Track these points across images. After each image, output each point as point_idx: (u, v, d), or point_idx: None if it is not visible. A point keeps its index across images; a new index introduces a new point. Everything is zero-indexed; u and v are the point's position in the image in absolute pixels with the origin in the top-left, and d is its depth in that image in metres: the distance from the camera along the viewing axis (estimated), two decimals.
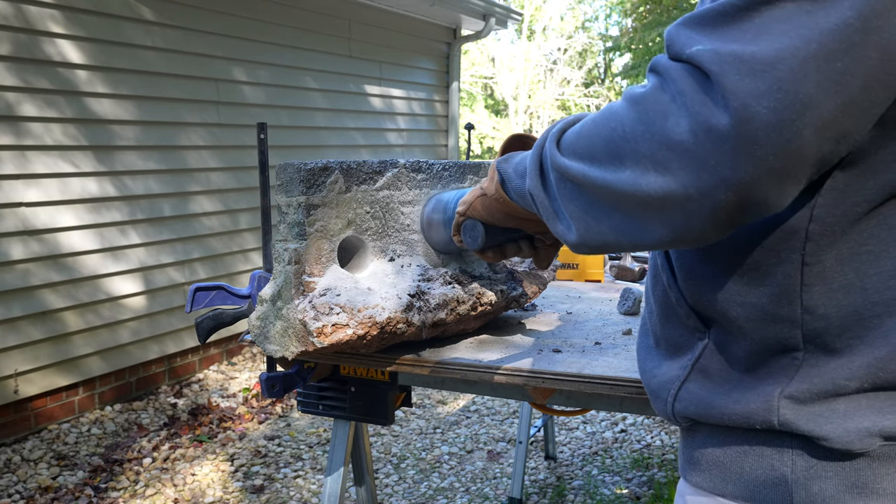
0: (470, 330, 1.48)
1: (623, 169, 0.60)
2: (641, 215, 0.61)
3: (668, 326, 0.78)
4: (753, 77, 0.52)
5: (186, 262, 3.98)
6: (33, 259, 3.20)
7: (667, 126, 0.56)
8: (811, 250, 0.64)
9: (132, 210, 3.65)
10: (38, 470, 2.94)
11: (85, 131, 3.40)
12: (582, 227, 0.67)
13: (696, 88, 0.55)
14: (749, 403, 0.68)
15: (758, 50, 0.53)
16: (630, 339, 1.43)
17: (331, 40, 4.92)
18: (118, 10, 3.51)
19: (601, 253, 0.69)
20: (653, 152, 0.57)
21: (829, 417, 0.65)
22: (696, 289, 0.73)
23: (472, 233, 0.90)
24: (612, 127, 0.61)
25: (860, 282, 0.64)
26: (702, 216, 0.57)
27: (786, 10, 0.53)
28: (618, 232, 0.64)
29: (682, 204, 0.57)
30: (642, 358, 0.83)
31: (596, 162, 0.63)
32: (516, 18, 6.78)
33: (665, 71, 0.58)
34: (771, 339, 0.67)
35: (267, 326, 1.26)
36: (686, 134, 0.55)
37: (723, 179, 0.54)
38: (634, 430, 3.40)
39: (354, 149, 5.24)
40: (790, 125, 0.52)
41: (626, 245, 0.65)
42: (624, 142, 0.60)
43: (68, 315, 3.37)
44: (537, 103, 22.09)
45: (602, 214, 0.64)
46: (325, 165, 1.25)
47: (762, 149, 0.53)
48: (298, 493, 2.80)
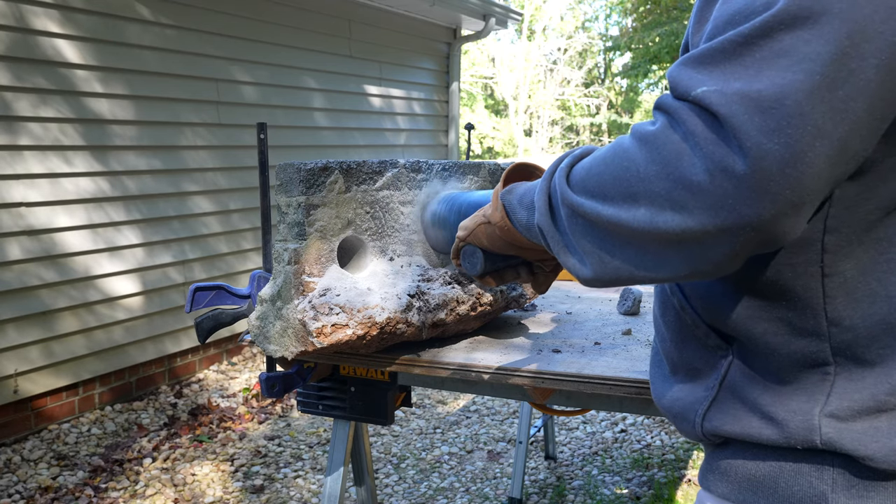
0: (469, 330, 1.48)
1: (637, 207, 0.60)
2: (658, 250, 0.61)
3: (687, 350, 0.76)
4: (762, 115, 0.53)
5: (186, 262, 3.98)
6: (33, 259, 3.20)
7: (681, 166, 0.57)
8: (829, 261, 0.64)
9: (131, 210, 3.65)
10: (38, 470, 2.94)
11: (83, 131, 3.40)
12: (595, 261, 0.67)
13: (706, 129, 0.55)
14: (788, 423, 0.67)
15: (763, 87, 0.53)
16: (630, 339, 1.43)
17: (331, 40, 4.92)
18: (117, 9, 3.51)
19: (615, 286, 0.69)
20: (668, 192, 0.58)
21: (874, 436, 0.64)
22: (712, 308, 0.72)
23: (472, 259, 0.91)
24: (625, 166, 0.61)
25: (884, 290, 0.64)
26: (720, 252, 0.58)
27: (784, 42, 0.53)
28: (633, 266, 0.64)
29: (700, 240, 0.57)
30: (658, 388, 0.81)
31: (609, 200, 0.62)
32: (516, 18, 6.78)
33: (673, 111, 0.58)
34: (799, 354, 0.67)
35: (266, 326, 1.26)
36: (702, 174, 0.55)
37: (742, 217, 0.55)
38: (634, 430, 3.40)
39: (354, 149, 5.24)
40: (803, 158, 0.53)
41: (641, 279, 0.65)
42: (637, 181, 0.60)
43: (68, 315, 3.37)
44: (537, 103, 22.09)
45: (616, 249, 0.64)
46: (325, 165, 1.25)
47: (778, 185, 0.53)
48: (298, 493, 2.80)
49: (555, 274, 0.96)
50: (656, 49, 13.78)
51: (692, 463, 3.03)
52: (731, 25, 0.57)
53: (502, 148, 21.45)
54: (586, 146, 0.75)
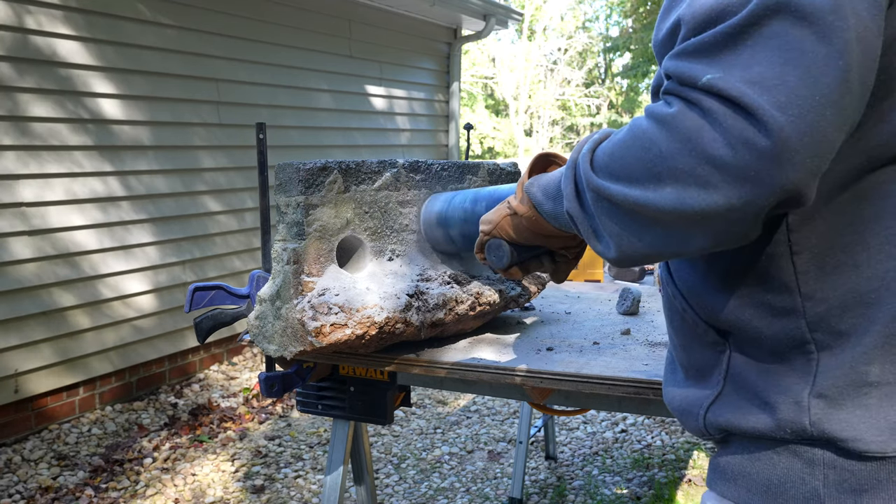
0: (469, 330, 1.48)
1: (663, 187, 0.62)
2: (683, 228, 0.63)
3: (693, 352, 0.79)
4: (770, 92, 0.56)
5: (189, 261, 3.98)
6: (35, 259, 3.20)
7: (703, 142, 0.59)
8: (795, 239, 0.67)
9: (135, 209, 3.65)
10: (39, 470, 2.94)
11: (90, 131, 3.40)
12: (623, 242, 0.68)
13: (723, 107, 0.58)
14: (779, 407, 0.68)
15: (763, 69, 0.57)
16: (629, 339, 1.44)
17: (331, 40, 4.92)
18: (122, 10, 3.51)
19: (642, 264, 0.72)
20: (692, 168, 0.59)
21: (862, 415, 0.65)
22: (705, 304, 0.75)
23: (498, 252, 0.91)
24: (646, 147, 0.63)
25: (851, 260, 0.66)
26: (745, 222, 0.60)
27: (772, 27, 0.57)
28: (659, 245, 0.66)
29: (726, 214, 0.60)
30: (670, 390, 0.83)
31: (634, 182, 0.64)
32: (517, 18, 6.78)
33: (686, 94, 0.61)
34: (782, 334, 0.69)
35: (266, 326, 1.27)
36: (724, 148, 0.58)
37: (767, 188, 0.57)
38: (635, 430, 3.40)
39: (355, 148, 5.24)
40: (818, 125, 0.56)
41: (667, 255, 0.68)
42: (661, 160, 0.62)
43: (69, 315, 3.37)
44: (537, 103, 22.09)
45: (642, 230, 0.66)
46: (324, 165, 1.25)
47: (800, 154, 0.56)
48: (299, 493, 2.80)
49: (576, 261, 0.97)
50: None
51: (692, 463, 3.03)
52: (712, 22, 0.60)
53: (502, 148, 21.44)
54: (604, 129, 0.76)
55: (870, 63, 0.58)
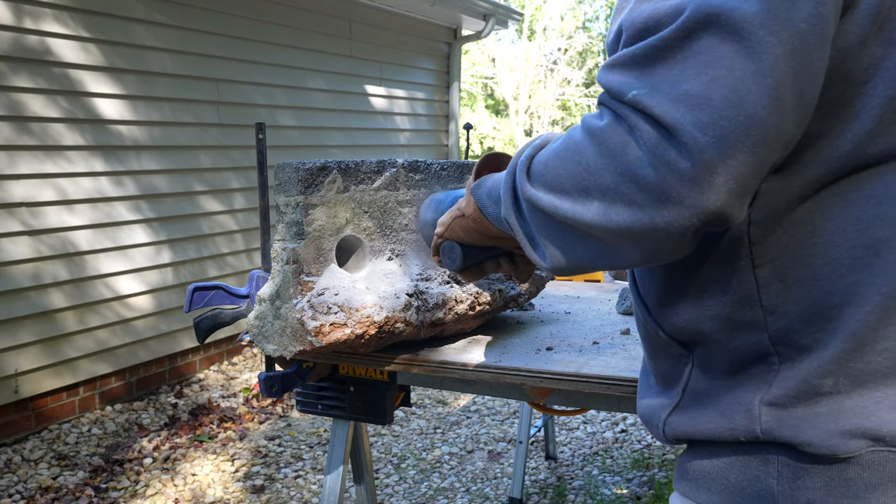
0: (468, 329, 1.48)
1: (591, 201, 0.62)
2: (612, 242, 0.63)
3: (658, 360, 0.79)
4: (693, 111, 0.55)
5: (188, 261, 3.98)
6: (35, 259, 3.21)
7: (628, 159, 0.59)
8: (758, 252, 0.66)
9: (135, 209, 3.65)
10: (39, 470, 2.94)
11: (89, 131, 3.40)
12: (557, 253, 0.69)
13: (647, 125, 0.58)
14: (733, 416, 0.68)
15: (689, 86, 0.56)
16: (629, 338, 1.43)
17: (331, 40, 4.92)
18: (121, 10, 3.51)
19: (578, 274, 0.71)
20: (617, 185, 0.59)
21: (812, 422, 0.64)
22: (666, 315, 0.75)
23: (451, 254, 0.91)
24: (577, 160, 0.63)
25: (812, 274, 0.65)
26: (670, 241, 0.60)
27: (702, 42, 0.56)
28: (592, 257, 0.66)
29: (651, 233, 0.59)
30: (642, 395, 0.83)
31: (565, 194, 0.64)
32: (516, 18, 6.78)
33: (615, 108, 0.60)
34: (743, 347, 0.68)
35: (265, 326, 1.27)
36: (647, 168, 0.57)
37: (687, 208, 0.57)
38: (635, 430, 3.40)
39: (355, 148, 5.24)
40: (741, 147, 0.55)
41: (601, 267, 0.68)
42: (589, 175, 0.61)
43: (69, 315, 3.37)
44: (538, 103, 22.10)
45: (574, 242, 0.66)
46: (324, 165, 1.25)
47: (719, 175, 0.55)
48: (299, 493, 2.80)
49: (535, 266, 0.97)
50: None
51: None
52: (647, 32, 0.60)
53: (502, 148, 21.44)
54: (545, 135, 0.76)
55: (809, 77, 0.56)
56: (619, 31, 0.64)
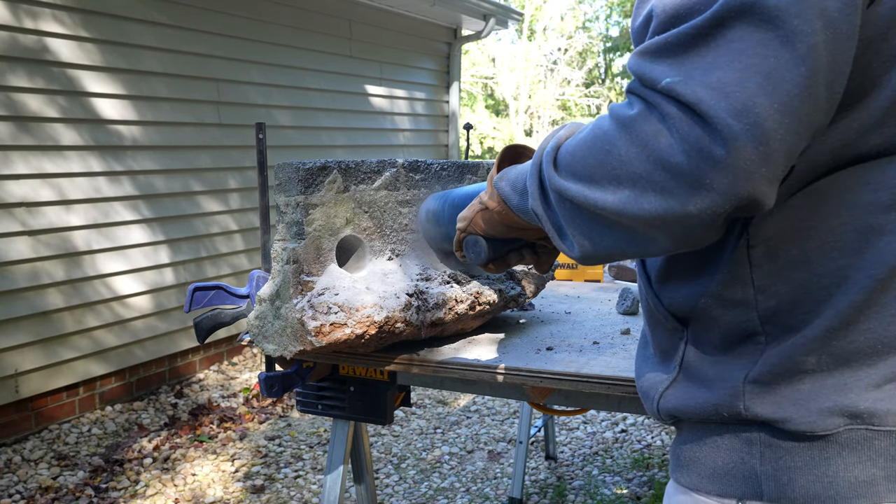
0: (468, 329, 1.48)
1: (622, 190, 0.62)
2: (643, 231, 0.63)
3: (656, 333, 0.80)
4: (727, 98, 0.55)
5: (188, 261, 3.98)
6: (35, 259, 3.20)
7: (660, 147, 0.59)
8: (753, 232, 0.67)
9: (135, 210, 3.65)
10: (39, 470, 2.94)
11: (89, 131, 3.40)
12: (586, 242, 0.69)
13: (680, 113, 0.58)
14: (718, 392, 0.70)
15: (722, 74, 0.56)
16: (629, 338, 1.43)
17: (331, 40, 4.92)
18: (121, 10, 3.51)
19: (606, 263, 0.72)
20: (649, 173, 0.60)
21: (793, 399, 0.66)
22: (666, 290, 0.77)
23: (475, 248, 0.91)
24: (607, 149, 0.63)
25: (804, 256, 0.66)
26: (702, 228, 0.60)
27: (736, 30, 0.56)
28: (621, 246, 0.67)
29: (683, 220, 0.60)
30: (639, 365, 0.84)
31: (594, 183, 0.64)
32: (516, 18, 6.78)
33: (647, 96, 0.60)
34: (733, 324, 0.70)
35: (265, 326, 1.27)
36: (680, 155, 0.57)
37: (721, 195, 0.57)
38: (635, 430, 3.40)
39: (355, 148, 5.24)
40: (775, 134, 0.55)
41: (630, 255, 0.68)
42: (620, 163, 0.62)
43: (69, 315, 3.37)
44: (538, 103, 22.10)
45: (605, 230, 0.66)
46: (324, 165, 1.25)
47: (755, 163, 0.56)
48: (299, 493, 2.80)
49: (557, 252, 0.97)
50: None
51: None
52: (679, 20, 0.60)
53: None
54: (569, 124, 0.76)
55: (840, 67, 0.57)
56: (649, 16, 0.63)
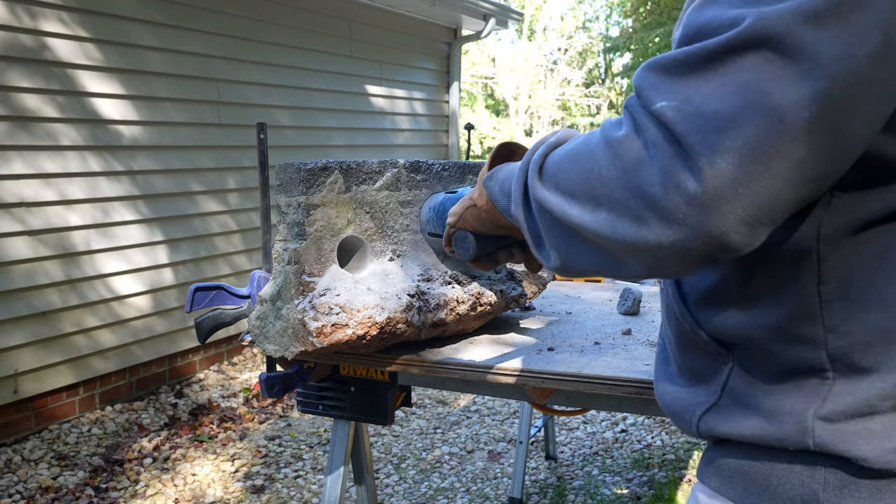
0: (469, 330, 1.48)
1: (599, 211, 0.61)
2: (617, 254, 0.63)
3: (688, 354, 0.77)
4: (717, 134, 0.53)
5: (188, 261, 3.98)
6: (34, 259, 3.20)
7: (640, 175, 0.58)
8: (825, 269, 0.64)
9: (135, 209, 3.65)
10: (39, 470, 2.94)
11: (89, 131, 3.40)
12: (562, 255, 0.69)
13: (664, 142, 0.56)
14: (782, 426, 0.66)
15: (721, 106, 0.53)
16: (630, 339, 1.43)
17: (331, 40, 4.92)
18: (121, 10, 3.51)
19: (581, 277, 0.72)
20: (626, 200, 0.59)
21: (867, 438, 0.63)
22: (710, 315, 0.73)
23: (464, 244, 0.91)
24: (590, 167, 0.62)
25: (879, 295, 0.63)
26: (673, 261, 0.59)
27: (746, 61, 0.53)
28: (596, 265, 0.67)
29: (654, 251, 0.59)
30: (662, 384, 0.81)
31: (574, 199, 0.64)
32: (516, 18, 6.78)
33: (638, 118, 0.59)
34: (797, 360, 0.66)
35: (266, 326, 1.27)
36: (657, 186, 0.56)
37: (693, 231, 0.56)
38: (635, 430, 3.40)
39: (355, 148, 5.24)
40: (759, 177, 0.53)
41: (605, 274, 0.68)
42: (600, 184, 0.61)
43: (69, 315, 3.37)
44: (538, 103, 22.10)
45: (581, 247, 0.66)
46: (325, 165, 1.25)
47: (729, 203, 0.54)
48: (299, 493, 2.80)
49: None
50: (655, 49, 13.78)
51: (692, 463, 3.03)
52: (699, 38, 0.57)
53: None
54: (561, 132, 0.75)
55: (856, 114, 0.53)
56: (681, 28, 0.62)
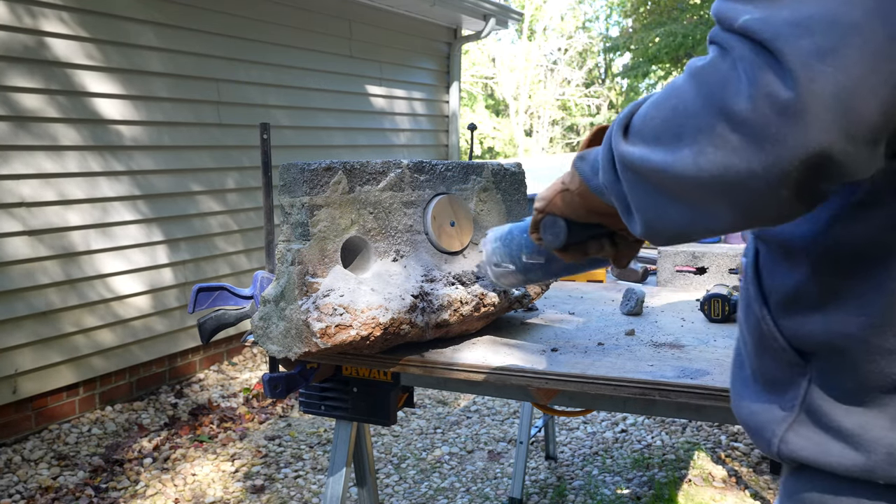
0: (473, 330, 1.48)
1: (681, 148, 0.55)
2: (704, 200, 0.56)
3: (765, 360, 0.71)
4: (812, 36, 0.48)
5: (188, 261, 3.97)
6: (34, 259, 3.20)
7: (726, 95, 0.52)
8: None
9: (135, 209, 3.65)
10: (39, 470, 2.94)
11: (89, 131, 3.40)
12: (650, 217, 0.62)
13: (752, 54, 0.50)
14: (870, 455, 0.61)
15: (814, 9, 0.48)
16: (633, 339, 1.43)
17: (331, 40, 4.92)
18: (122, 10, 3.50)
19: (677, 243, 0.64)
20: (711, 125, 0.52)
21: None
22: (790, 319, 0.67)
23: (554, 229, 0.84)
24: (674, 104, 0.57)
25: None
26: (771, 193, 0.52)
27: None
28: (685, 221, 0.59)
29: (746, 182, 0.52)
30: (738, 390, 0.75)
31: (657, 144, 0.58)
32: (516, 18, 6.78)
33: (723, 40, 0.54)
34: (880, 376, 0.61)
35: (270, 327, 1.26)
36: (745, 102, 0.50)
37: (789, 150, 0.49)
38: (635, 430, 3.40)
39: (355, 149, 5.24)
40: (864, 82, 0.47)
41: (699, 233, 0.61)
42: (684, 118, 0.55)
43: (69, 314, 3.36)
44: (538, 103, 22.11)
45: (666, 203, 0.59)
46: (329, 166, 1.25)
47: (831, 112, 0.47)
48: (299, 493, 2.80)
49: (638, 245, 0.89)
50: (656, 49, 13.78)
51: (692, 463, 3.03)
52: None
53: (502, 148, 21.44)
54: (650, 94, 0.70)
55: None
56: None
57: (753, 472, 2.91)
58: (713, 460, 3.03)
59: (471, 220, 1.50)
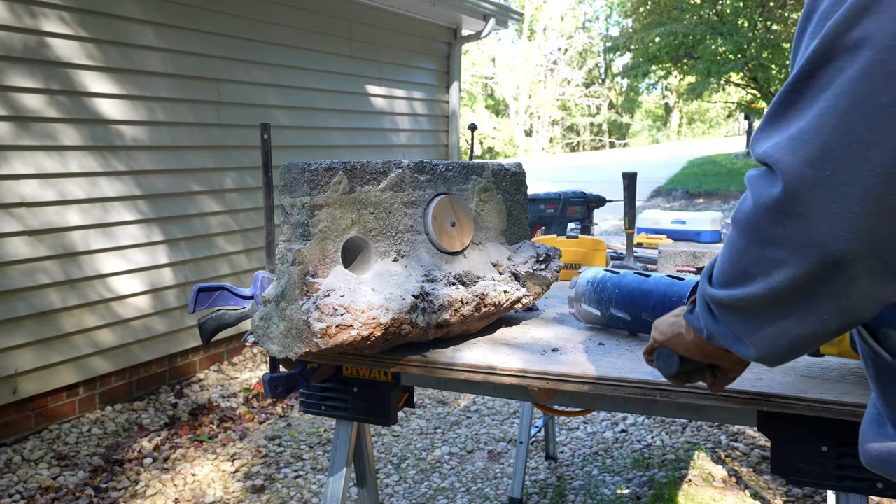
0: (473, 331, 1.48)
1: (754, 281, 0.65)
2: (795, 310, 0.63)
3: (891, 399, 0.73)
4: (803, 147, 0.56)
5: (188, 261, 3.97)
6: (34, 259, 3.20)
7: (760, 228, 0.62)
8: None
9: (135, 209, 3.65)
10: (39, 470, 2.94)
11: (90, 131, 3.40)
12: (757, 341, 0.69)
13: (762, 182, 0.60)
14: None
15: (805, 123, 0.56)
16: (634, 340, 1.43)
17: (331, 40, 4.92)
18: (122, 10, 3.50)
19: (792, 359, 0.70)
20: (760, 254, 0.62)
21: None
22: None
23: (668, 361, 0.98)
24: (731, 250, 0.68)
25: None
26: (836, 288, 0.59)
27: (821, 78, 0.56)
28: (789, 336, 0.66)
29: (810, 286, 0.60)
30: (871, 431, 0.76)
31: (733, 283, 0.68)
32: (516, 18, 6.78)
33: (748, 182, 0.64)
34: None
35: (270, 327, 1.26)
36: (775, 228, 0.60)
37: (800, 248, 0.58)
38: (635, 430, 3.40)
39: (355, 149, 5.24)
40: (852, 171, 0.54)
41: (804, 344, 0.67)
42: (740, 257, 0.66)
43: (69, 314, 3.36)
44: (537, 103, 22.11)
45: (764, 324, 0.67)
46: (329, 166, 1.25)
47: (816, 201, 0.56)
48: (299, 493, 2.80)
49: (734, 375, 0.99)
50: (656, 49, 13.78)
51: (692, 463, 3.03)
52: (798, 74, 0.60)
53: (502, 148, 21.45)
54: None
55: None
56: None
57: (753, 472, 2.91)
58: (713, 460, 3.03)
59: (471, 221, 1.50)
